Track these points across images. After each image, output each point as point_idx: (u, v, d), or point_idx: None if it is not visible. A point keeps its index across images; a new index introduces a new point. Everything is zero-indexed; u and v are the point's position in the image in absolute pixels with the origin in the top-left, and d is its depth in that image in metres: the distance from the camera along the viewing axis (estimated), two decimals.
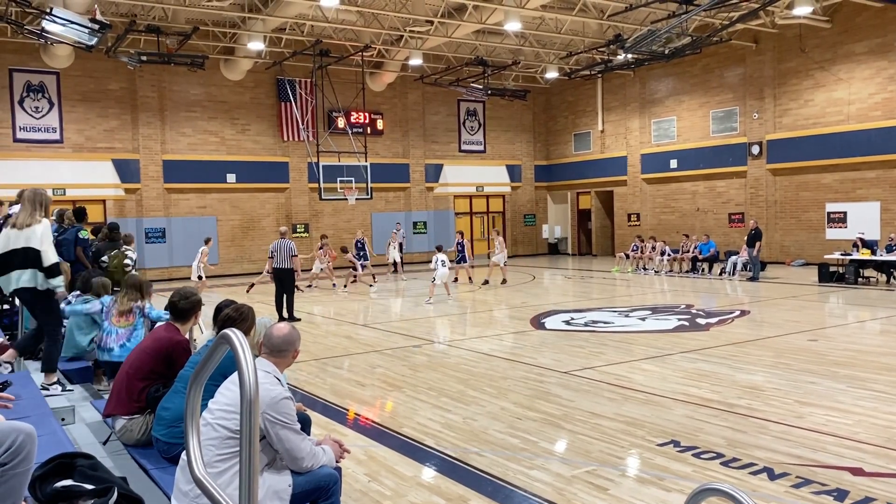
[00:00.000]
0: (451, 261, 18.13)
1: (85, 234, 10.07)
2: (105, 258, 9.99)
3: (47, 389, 6.26)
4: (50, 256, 6.07)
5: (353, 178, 24.14)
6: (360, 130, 26.34)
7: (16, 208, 9.65)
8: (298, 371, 9.37)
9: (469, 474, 5.54)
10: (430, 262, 17.41)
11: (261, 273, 18.13)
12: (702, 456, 5.78)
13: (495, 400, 7.76)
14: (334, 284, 20.21)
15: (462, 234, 21.03)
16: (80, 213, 10.44)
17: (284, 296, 14.34)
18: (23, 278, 6.00)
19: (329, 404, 7.84)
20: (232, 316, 4.49)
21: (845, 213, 21.95)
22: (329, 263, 20.14)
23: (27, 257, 5.95)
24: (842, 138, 21.68)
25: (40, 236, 6.00)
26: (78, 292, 7.70)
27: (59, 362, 7.30)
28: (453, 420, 7.02)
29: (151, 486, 4.15)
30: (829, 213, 22.42)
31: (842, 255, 18.91)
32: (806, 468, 5.46)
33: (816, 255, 21.54)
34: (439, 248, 17.60)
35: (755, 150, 24.06)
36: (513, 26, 20.74)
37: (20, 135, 22.28)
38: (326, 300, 17.83)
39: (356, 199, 24.39)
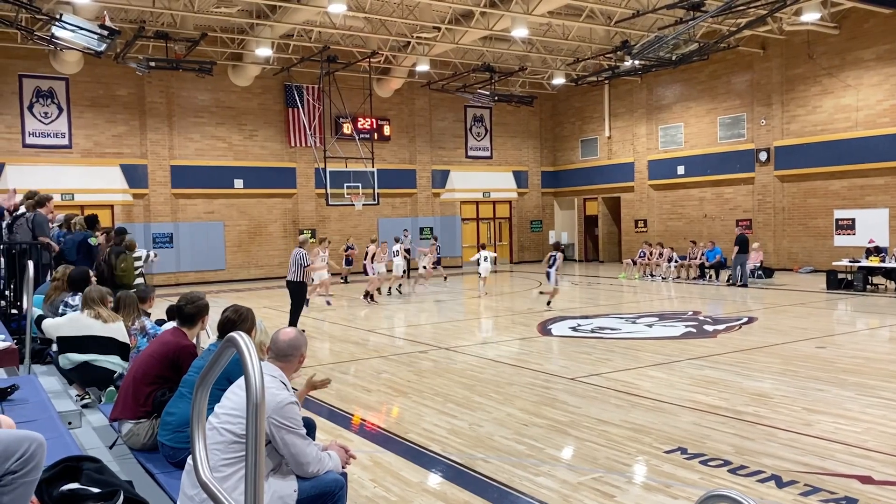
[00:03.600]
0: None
1: (95, 241, 10.10)
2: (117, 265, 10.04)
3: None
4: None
5: (359, 184, 24.18)
6: (367, 136, 26.38)
7: (22, 210, 9.72)
8: (305, 376, 9.36)
9: (475, 480, 5.52)
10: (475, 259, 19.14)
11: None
12: (709, 463, 5.75)
13: (501, 406, 7.73)
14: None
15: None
16: (91, 221, 10.51)
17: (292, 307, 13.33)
18: (112, 361, 6.40)
19: (335, 409, 7.83)
20: (231, 318, 4.50)
21: (853, 220, 21.85)
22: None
23: (107, 345, 6.39)
24: (850, 145, 21.61)
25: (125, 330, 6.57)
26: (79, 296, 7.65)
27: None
28: (459, 426, 7.00)
29: (157, 490, 4.15)
30: (837, 220, 22.32)
31: (850, 261, 18.83)
32: (814, 476, 5.42)
33: (824, 262, 21.43)
34: (483, 246, 18.22)
35: (763, 156, 24.00)
36: (520, 33, 20.76)
37: (29, 140, 22.41)
38: (334, 304, 17.81)
39: (363, 204, 24.42)
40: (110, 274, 9.51)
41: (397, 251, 20.05)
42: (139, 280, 10.26)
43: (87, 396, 6.49)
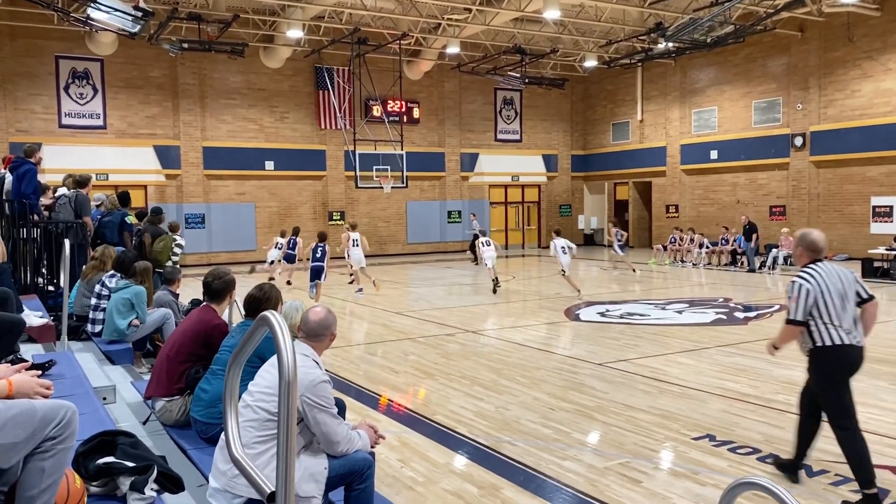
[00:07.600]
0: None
1: (131, 219, 10.28)
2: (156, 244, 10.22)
3: None
4: None
5: (388, 167, 24.24)
6: (397, 119, 26.38)
7: (62, 191, 9.90)
8: (333, 357, 9.47)
9: (501, 463, 5.55)
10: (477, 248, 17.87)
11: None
12: (738, 451, 5.71)
13: (528, 390, 7.74)
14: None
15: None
16: (124, 198, 10.65)
17: None
18: None
19: (363, 390, 7.91)
20: (256, 296, 4.56)
21: (891, 207, 21.37)
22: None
23: None
24: (889, 130, 21.09)
25: None
26: (119, 274, 7.78)
27: (101, 344, 7.49)
28: (486, 409, 7.03)
29: (189, 465, 4.24)
30: (874, 207, 21.84)
31: (887, 249, 18.46)
32: (845, 466, 5.34)
33: (860, 250, 21.00)
34: (482, 233, 17.86)
35: (798, 141, 23.53)
36: (552, 14, 20.52)
37: (65, 121, 22.78)
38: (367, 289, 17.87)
39: (392, 187, 24.47)
40: (142, 252, 9.69)
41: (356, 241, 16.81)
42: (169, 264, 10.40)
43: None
